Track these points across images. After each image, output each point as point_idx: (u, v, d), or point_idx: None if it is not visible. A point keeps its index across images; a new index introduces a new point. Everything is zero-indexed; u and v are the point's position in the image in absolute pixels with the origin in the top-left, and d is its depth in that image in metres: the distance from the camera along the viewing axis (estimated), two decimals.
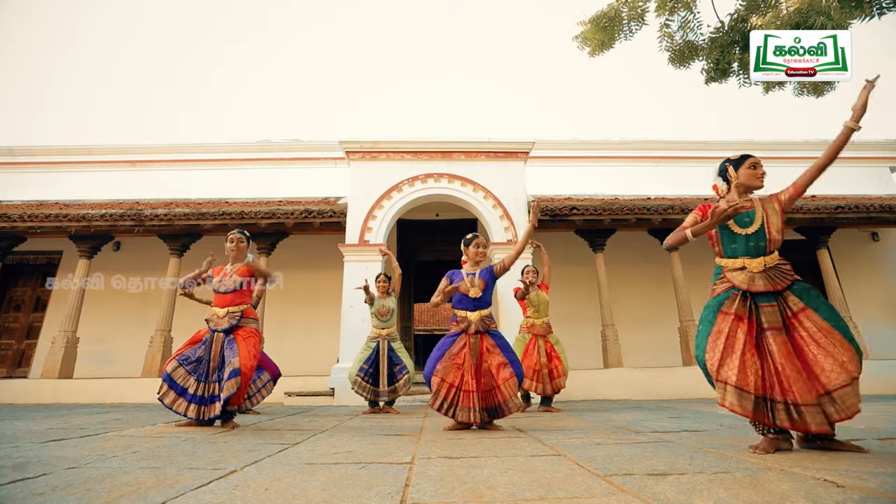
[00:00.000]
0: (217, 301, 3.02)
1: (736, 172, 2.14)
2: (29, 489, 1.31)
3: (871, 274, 8.26)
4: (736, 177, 2.13)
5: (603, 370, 6.25)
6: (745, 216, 2.05)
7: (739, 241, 2.02)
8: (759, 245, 1.99)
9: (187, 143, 9.00)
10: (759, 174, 2.10)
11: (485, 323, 2.88)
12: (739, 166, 2.14)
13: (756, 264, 1.97)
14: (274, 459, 1.78)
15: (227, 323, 2.92)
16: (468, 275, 2.97)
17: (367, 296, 4.32)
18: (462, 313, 2.92)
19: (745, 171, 2.11)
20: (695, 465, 1.56)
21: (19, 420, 3.43)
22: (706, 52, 3.19)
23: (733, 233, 2.04)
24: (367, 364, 4.15)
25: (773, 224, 2.00)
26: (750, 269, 1.97)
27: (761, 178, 2.10)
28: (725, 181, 2.16)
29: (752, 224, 2.02)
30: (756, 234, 2.00)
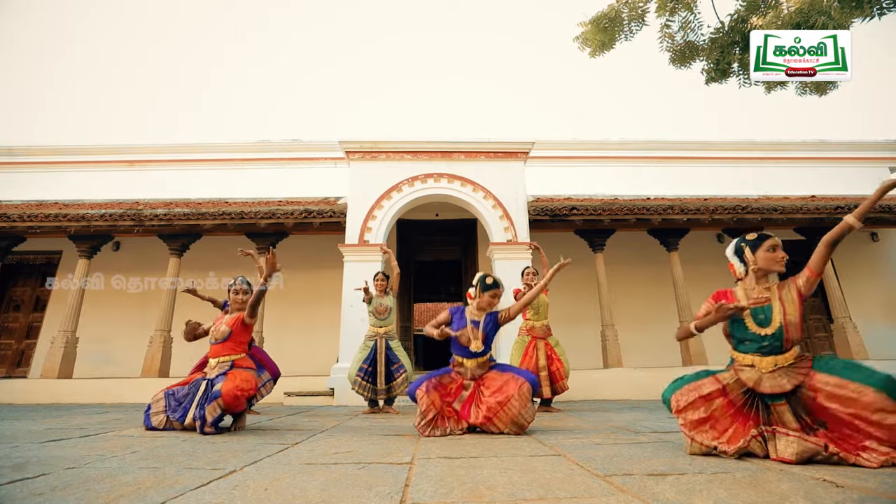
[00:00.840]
0: (210, 351, 3.06)
1: (753, 255, 1.96)
2: (28, 489, 1.31)
3: (870, 274, 8.26)
4: (754, 260, 1.96)
5: (603, 370, 6.25)
6: (761, 312, 1.85)
7: (753, 339, 1.84)
8: (774, 345, 1.80)
9: (187, 143, 8.99)
10: (779, 258, 1.94)
11: (483, 369, 2.71)
12: (757, 248, 1.96)
13: (767, 363, 1.79)
14: (273, 459, 1.78)
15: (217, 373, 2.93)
16: (472, 323, 2.72)
17: (366, 295, 4.32)
18: (458, 359, 2.74)
19: (764, 254, 1.94)
20: (694, 465, 1.56)
21: (19, 420, 3.43)
22: (706, 52, 3.19)
23: (747, 328, 1.86)
24: (365, 363, 4.15)
25: (792, 320, 1.81)
26: (759, 367, 1.80)
27: (782, 261, 1.94)
28: (742, 262, 2.00)
29: (771, 324, 1.82)
30: (775, 334, 1.81)
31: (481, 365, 2.70)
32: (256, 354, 4.43)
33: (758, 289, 1.95)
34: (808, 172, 9.01)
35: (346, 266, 6.14)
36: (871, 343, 6.84)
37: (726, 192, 8.55)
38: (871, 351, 6.66)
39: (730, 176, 8.99)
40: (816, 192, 8.47)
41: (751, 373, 1.81)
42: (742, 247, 2.01)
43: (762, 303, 1.82)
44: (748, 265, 1.98)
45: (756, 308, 1.86)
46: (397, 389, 4.18)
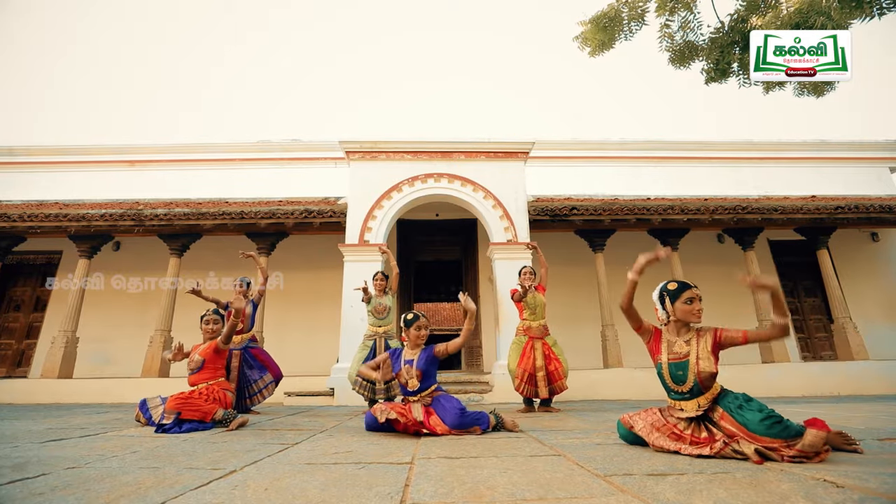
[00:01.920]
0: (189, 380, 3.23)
1: (672, 306, 2.07)
2: (28, 489, 1.31)
3: (870, 274, 8.26)
4: (672, 311, 2.07)
5: (603, 370, 6.25)
6: (679, 368, 2.00)
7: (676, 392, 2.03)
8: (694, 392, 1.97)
9: (187, 143, 8.99)
10: (695, 310, 2.03)
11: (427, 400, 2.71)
12: (676, 299, 2.06)
13: (691, 406, 1.97)
14: (274, 459, 1.78)
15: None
16: (406, 363, 2.76)
17: (365, 295, 4.33)
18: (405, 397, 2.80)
19: (682, 305, 2.04)
20: (694, 465, 1.56)
21: (19, 420, 3.43)
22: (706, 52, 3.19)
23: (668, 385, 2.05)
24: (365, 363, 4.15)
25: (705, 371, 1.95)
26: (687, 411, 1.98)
27: (698, 314, 2.03)
28: (664, 309, 2.11)
29: (686, 383, 1.98)
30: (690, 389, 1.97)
31: (424, 398, 2.71)
32: (259, 356, 4.43)
33: (679, 341, 2.06)
34: (808, 172, 9.01)
35: (346, 266, 6.14)
36: (871, 343, 6.83)
37: (726, 192, 8.55)
38: (871, 351, 6.66)
39: (730, 176, 8.99)
40: (816, 192, 8.47)
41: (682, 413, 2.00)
42: (663, 295, 2.12)
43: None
44: (670, 315, 2.09)
45: (673, 364, 2.03)
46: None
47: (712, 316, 8.45)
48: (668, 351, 2.06)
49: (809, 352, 7.90)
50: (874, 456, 1.66)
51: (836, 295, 6.86)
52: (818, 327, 8.03)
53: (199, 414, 2.90)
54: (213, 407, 3.00)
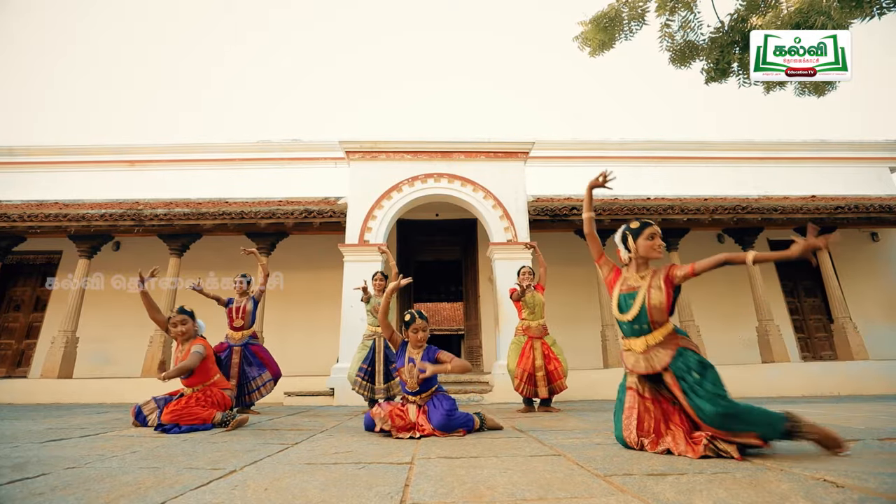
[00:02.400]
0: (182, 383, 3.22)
1: (635, 243, 2.10)
2: (28, 489, 1.31)
3: (870, 274, 8.26)
4: (635, 248, 2.10)
5: (603, 370, 6.25)
6: (630, 299, 2.03)
7: (623, 325, 2.03)
8: (642, 328, 1.98)
9: (187, 143, 8.99)
10: (656, 245, 2.07)
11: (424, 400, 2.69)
12: (638, 236, 2.10)
13: (638, 344, 1.98)
14: (273, 459, 1.78)
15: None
16: (409, 361, 2.70)
17: (364, 294, 4.34)
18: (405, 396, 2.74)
19: (644, 241, 2.08)
20: (694, 465, 1.56)
21: (19, 420, 3.43)
22: (706, 52, 3.19)
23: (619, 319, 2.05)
24: (365, 363, 4.16)
25: (655, 304, 1.96)
26: (633, 349, 1.99)
27: (659, 249, 2.08)
28: (626, 249, 2.13)
29: (632, 309, 2.00)
30: (637, 318, 1.98)
31: (423, 398, 2.68)
32: (259, 353, 4.43)
33: (635, 276, 2.10)
34: (808, 172, 9.01)
35: (346, 266, 6.14)
36: (871, 343, 6.83)
37: (726, 192, 8.55)
38: (871, 351, 6.66)
39: (730, 176, 8.99)
40: (816, 192, 8.46)
41: (631, 357, 2.01)
42: (626, 234, 2.14)
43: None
44: (630, 253, 2.11)
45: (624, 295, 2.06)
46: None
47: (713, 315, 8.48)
48: (622, 284, 2.10)
49: (809, 352, 7.90)
50: (874, 456, 1.66)
51: (836, 295, 6.86)
52: (818, 327, 8.03)
53: (198, 421, 2.86)
54: (210, 412, 2.96)
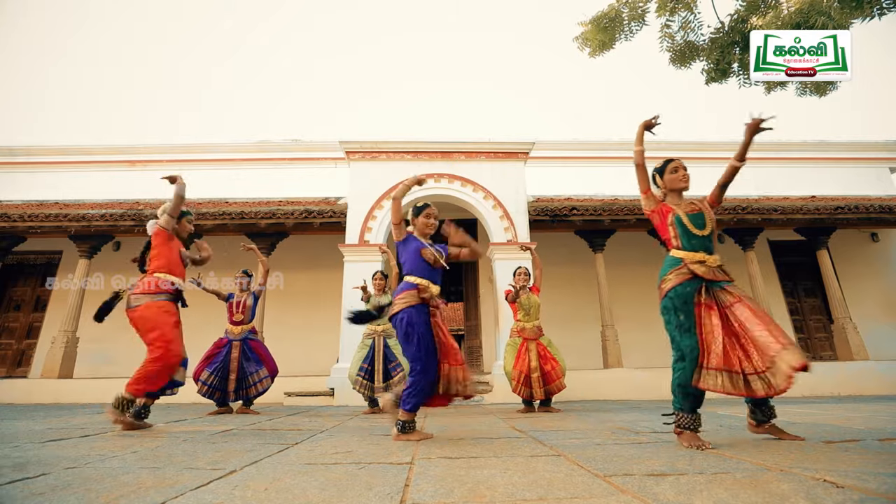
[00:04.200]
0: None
1: (662, 179, 2.36)
2: (28, 489, 1.31)
3: (870, 274, 8.26)
4: (663, 184, 2.36)
5: (603, 370, 6.25)
6: (700, 217, 2.25)
7: (697, 239, 2.21)
8: (711, 244, 2.23)
9: (187, 143, 8.99)
10: (680, 176, 2.32)
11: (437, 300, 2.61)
12: (663, 173, 2.37)
13: (713, 259, 2.18)
14: (273, 460, 1.78)
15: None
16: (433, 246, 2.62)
17: (364, 294, 4.34)
18: (424, 282, 2.51)
19: (669, 176, 2.35)
20: (694, 465, 1.56)
21: (19, 420, 3.43)
22: (706, 52, 3.19)
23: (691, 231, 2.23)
24: (365, 363, 4.17)
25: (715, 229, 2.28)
26: (708, 262, 2.17)
27: (684, 179, 2.32)
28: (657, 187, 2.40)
29: (708, 226, 2.24)
30: (710, 235, 2.23)
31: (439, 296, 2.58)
32: (257, 349, 4.45)
33: (684, 203, 2.33)
34: (808, 172, 9.02)
35: (346, 266, 6.15)
36: (871, 343, 6.83)
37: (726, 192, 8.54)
38: (872, 351, 6.66)
39: None
40: (816, 192, 8.46)
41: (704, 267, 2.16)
42: (654, 175, 2.42)
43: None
44: (661, 189, 2.38)
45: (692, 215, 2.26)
46: (395, 388, 4.18)
47: None
48: (680, 208, 2.29)
49: (809, 352, 7.90)
50: (874, 456, 1.66)
51: (836, 295, 6.86)
52: (818, 327, 8.03)
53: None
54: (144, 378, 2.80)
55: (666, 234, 2.30)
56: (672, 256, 2.26)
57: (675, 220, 2.26)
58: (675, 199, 2.34)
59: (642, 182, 2.37)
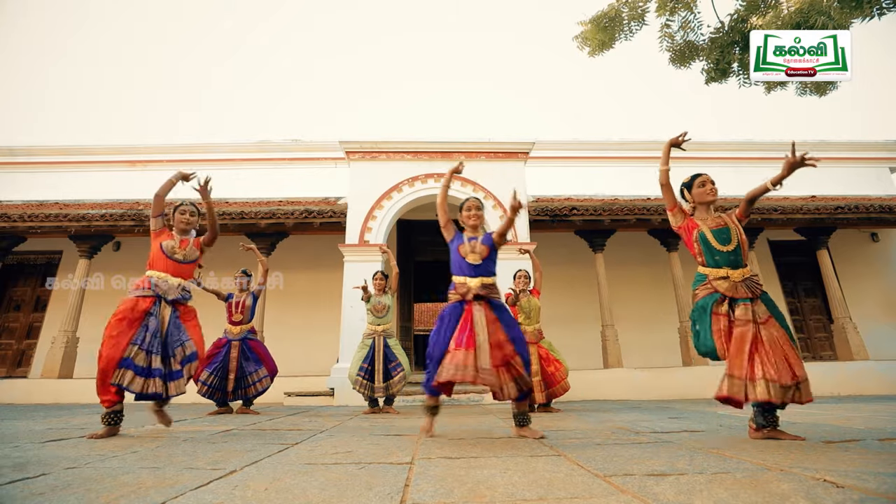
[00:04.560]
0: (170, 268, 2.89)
1: (690, 193, 2.44)
2: (28, 489, 1.31)
3: (870, 274, 8.26)
4: (691, 198, 2.43)
5: (603, 370, 6.25)
6: (725, 232, 2.31)
7: (721, 255, 2.28)
8: (738, 259, 2.28)
9: (187, 143, 8.99)
10: (707, 190, 2.39)
11: (486, 289, 2.52)
12: (691, 187, 2.44)
13: (738, 274, 2.24)
14: (273, 460, 1.78)
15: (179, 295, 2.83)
16: (470, 239, 2.63)
17: (364, 293, 4.35)
18: (461, 279, 2.58)
19: (697, 189, 2.42)
20: (695, 465, 1.56)
21: (19, 420, 3.43)
22: (706, 52, 3.19)
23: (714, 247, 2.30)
24: (365, 362, 4.18)
25: (744, 241, 2.32)
26: (732, 277, 2.24)
27: (712, 192, 2.39)
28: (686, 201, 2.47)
29: (731, 242, 2.30)
30: (735, 249, 2.29)
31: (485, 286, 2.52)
32: (256, 349, 4.46)
33: (711, 217, 2.39)
34: (808, 172, 8.93)
35: (346, 266, 6.15)
36: (871, 343, 6.83)
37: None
38: (872, 351, 6.66)
39: (730, 176, 8.96)
40: (816, 192, 8.46)
41: (726, 284, 2.24)
42: (682, 190, 2.49)
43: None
44: (690, 202, 2.45)
45: (716, 230, 2.32)
46: (395, 388, 4.19)
47: None
48: (706, 223, 2.36)
49: (809, 352, 7.90)
50: (874, 456, 1.66)
51: (836, 295, 6.86)
52: (818, 327, 8.03)
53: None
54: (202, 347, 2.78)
55: (693, 250, 2.38)
56: (699, 273, 2.36)
57: (699, 237, 2.32)
58: (703, 214, 2.40)
59: (668, 200, 2.43)
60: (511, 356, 2.37)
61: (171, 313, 2.75)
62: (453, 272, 2.66)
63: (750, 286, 2.23)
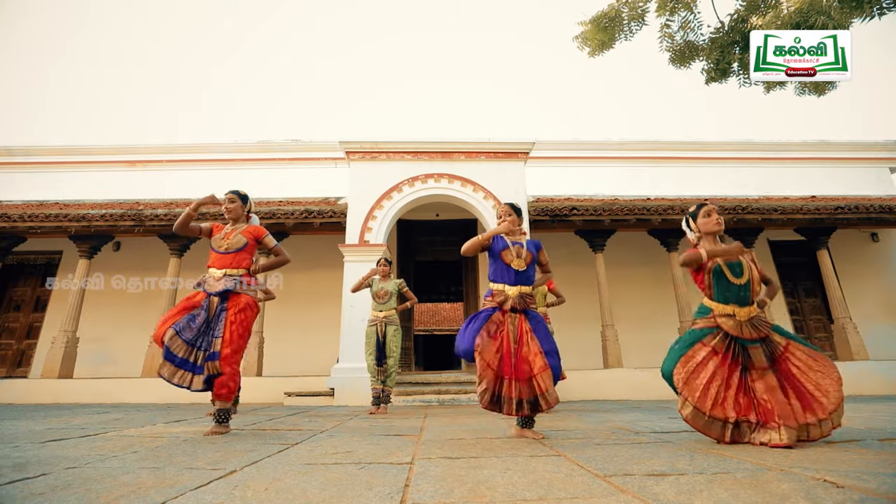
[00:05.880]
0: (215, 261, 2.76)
1: (695, 223, 2.38)
2: (29, 489, 1.31)
3: (870, 274, 8.26)
4: (696, 228, 2.38)
5: (603, 370, 6.25)
6: (736, 266, 2.23)
7: (731, 289, 2.20)
8: (746, 296, 2.20)
9: (187, 143, 8.99)
10: (713, 221, 2.32)
11: (524, 301, 2.44)
12: (696, 217, 2.38)
13: (744, 313, 2.17)
14: (274, 460, 1.78)
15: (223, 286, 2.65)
16: (514, 244, 2.51)
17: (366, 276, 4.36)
18: (499, 286, 2.47)
19: (702, 220, 2.36)
20: (694, 465, 1.56)
21: (19, 420, 3.43)
22: (706, 52, 3.19)
23: (727, 279, 2.21)
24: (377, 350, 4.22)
25: (756, 279, 2.24)
26: (738, 316, 2.17)
27: (717, 223, 2.32)
28: (690, 230, 2.42)
29: (743, 276, 2.21)
30: (746, 284, 2.20)
31: (523, 296, 2.43)
32: None
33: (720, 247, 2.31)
34: (809, 172, 9.01)
35: (346, 266, 6.14)
36: (871, 343, 6.83)
37: (726, 192, 8.55)
38: (872, 351, 6.66)
39: (730, 176, 8.99)
40: (816, 192, 8.46)
41: (731, 322, 2.17)
42: (688, 219, 2.44)
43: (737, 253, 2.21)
44: (695, 233, 2.39)
45: (731, 263, 2.23)
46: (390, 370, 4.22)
47: None
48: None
49: None
50: (874, 456, 1.66)
51: (836, 295, 6.86)
52: (818, 327, 8.03)
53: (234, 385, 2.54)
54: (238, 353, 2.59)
55: (701, 284, 2.30)
56: (704, 305, 2.29)
57: (712, 269, 2.23)
58: (710, 244, 2.32)
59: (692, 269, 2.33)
60: (541, 370, 2.30)
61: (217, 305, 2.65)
62: (492, 279, 2.55)
63: (756, 325, 2.15)
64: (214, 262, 2.76)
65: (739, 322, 2.15)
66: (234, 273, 2.71)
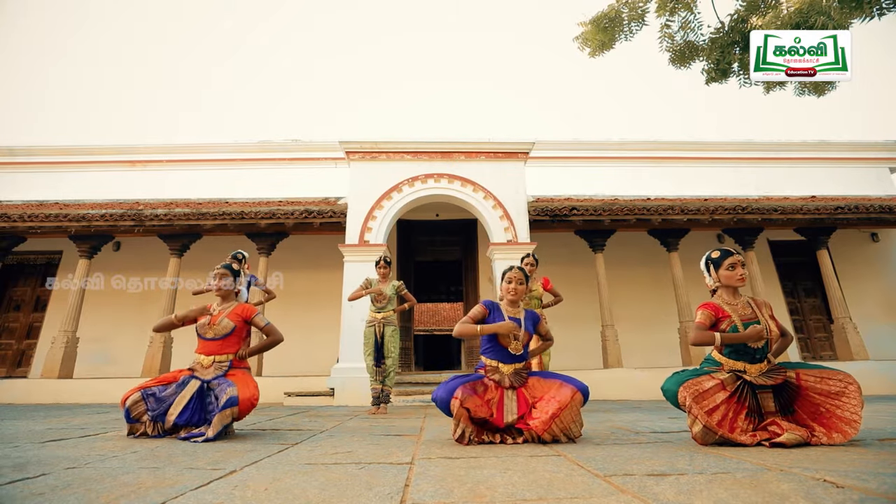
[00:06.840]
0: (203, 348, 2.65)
1: (717, 273, 2.24)
2: (28, 489, 1.31)
3: (870, 274, 8.26)
4: (716, 278, 2.24)
5: (603, 370, 6.24)
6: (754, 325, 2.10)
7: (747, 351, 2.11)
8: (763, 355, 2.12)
9: (187, 143, 8.99)
10: (737, 276, 2.18)
11: (521, 377, 2.32)
12: (719, 266, 2.24)
13: (755, 370, 2.09)
14: (273, 460, 1.78)
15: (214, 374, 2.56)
16: (512, 319, 2.37)
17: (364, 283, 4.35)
18: (492, 363, 2.34)
19: (725, 272, 2.22)
20: (695, 465, 1.56)
21: (19, 420, 3.43)
22: (706, 52, 3.19)
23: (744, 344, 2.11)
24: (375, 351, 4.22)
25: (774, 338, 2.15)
26: (749, 373, 2.08)
27: (741, 279, 2.18)
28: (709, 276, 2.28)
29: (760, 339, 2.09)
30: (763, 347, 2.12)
31: (519, 372, 2.33)
32: None
33: (739, 303, 2.21)
34: (809, 172, 9.02)
35: (346, 266, 6.14)
36: (871, 343, 6.83)
37: (726, 192, 8.55)
38: (872, 351, 6.66)
39: (730, 176, 8.99)
40: (816, 192, 8.46)
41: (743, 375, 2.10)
42: (708, 264, 2.29)
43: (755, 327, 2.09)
44: (714, 282, 2.27)
45: (747, 323, 2.12)
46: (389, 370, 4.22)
47: None
48: (736, 312, 2.16)
49: (809, 352, 7.90)
50: (874, 456, 1.66)
51: (835, 295, 6.86)
52: (818, 327, 8.03)
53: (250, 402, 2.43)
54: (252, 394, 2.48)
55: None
56: (712, 357, 2.20)
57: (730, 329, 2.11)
58: (730, 298, 2.21)
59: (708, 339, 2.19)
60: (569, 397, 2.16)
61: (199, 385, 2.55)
62: (484, 353, 2.39)
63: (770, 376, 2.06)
64: (202, 349, 2.65)
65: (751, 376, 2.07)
66: (223, 359, 2.61)
